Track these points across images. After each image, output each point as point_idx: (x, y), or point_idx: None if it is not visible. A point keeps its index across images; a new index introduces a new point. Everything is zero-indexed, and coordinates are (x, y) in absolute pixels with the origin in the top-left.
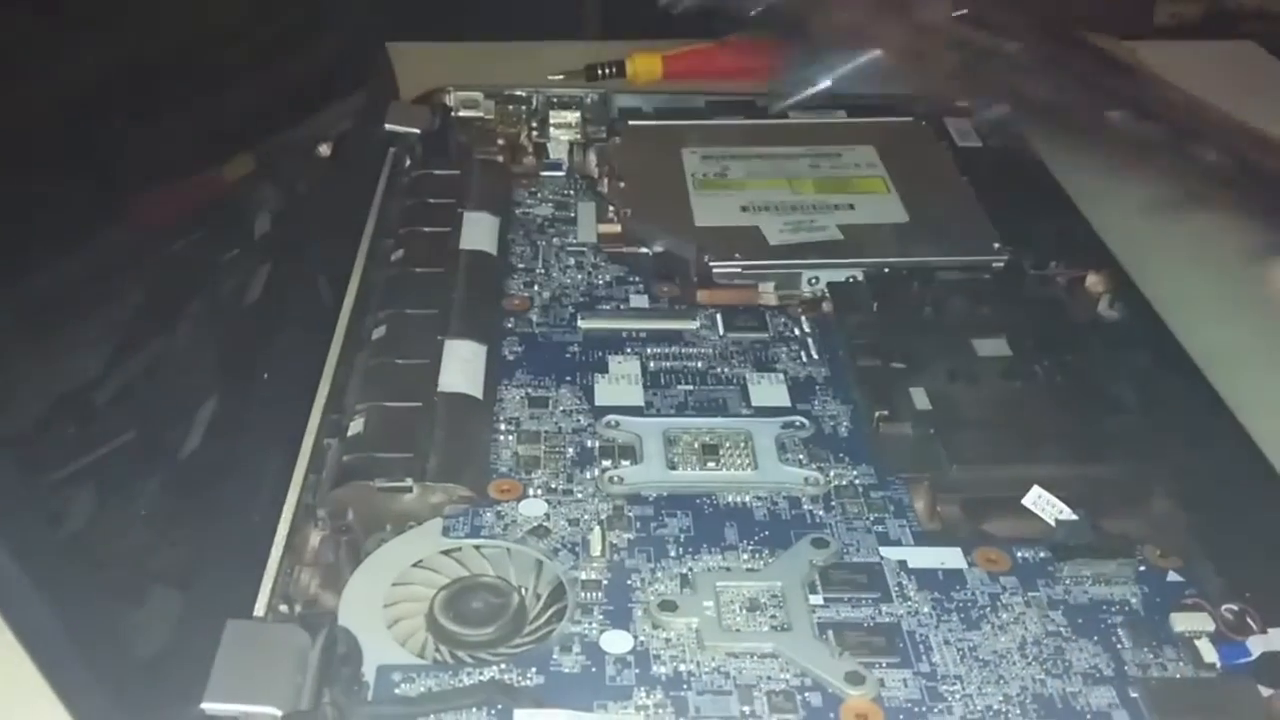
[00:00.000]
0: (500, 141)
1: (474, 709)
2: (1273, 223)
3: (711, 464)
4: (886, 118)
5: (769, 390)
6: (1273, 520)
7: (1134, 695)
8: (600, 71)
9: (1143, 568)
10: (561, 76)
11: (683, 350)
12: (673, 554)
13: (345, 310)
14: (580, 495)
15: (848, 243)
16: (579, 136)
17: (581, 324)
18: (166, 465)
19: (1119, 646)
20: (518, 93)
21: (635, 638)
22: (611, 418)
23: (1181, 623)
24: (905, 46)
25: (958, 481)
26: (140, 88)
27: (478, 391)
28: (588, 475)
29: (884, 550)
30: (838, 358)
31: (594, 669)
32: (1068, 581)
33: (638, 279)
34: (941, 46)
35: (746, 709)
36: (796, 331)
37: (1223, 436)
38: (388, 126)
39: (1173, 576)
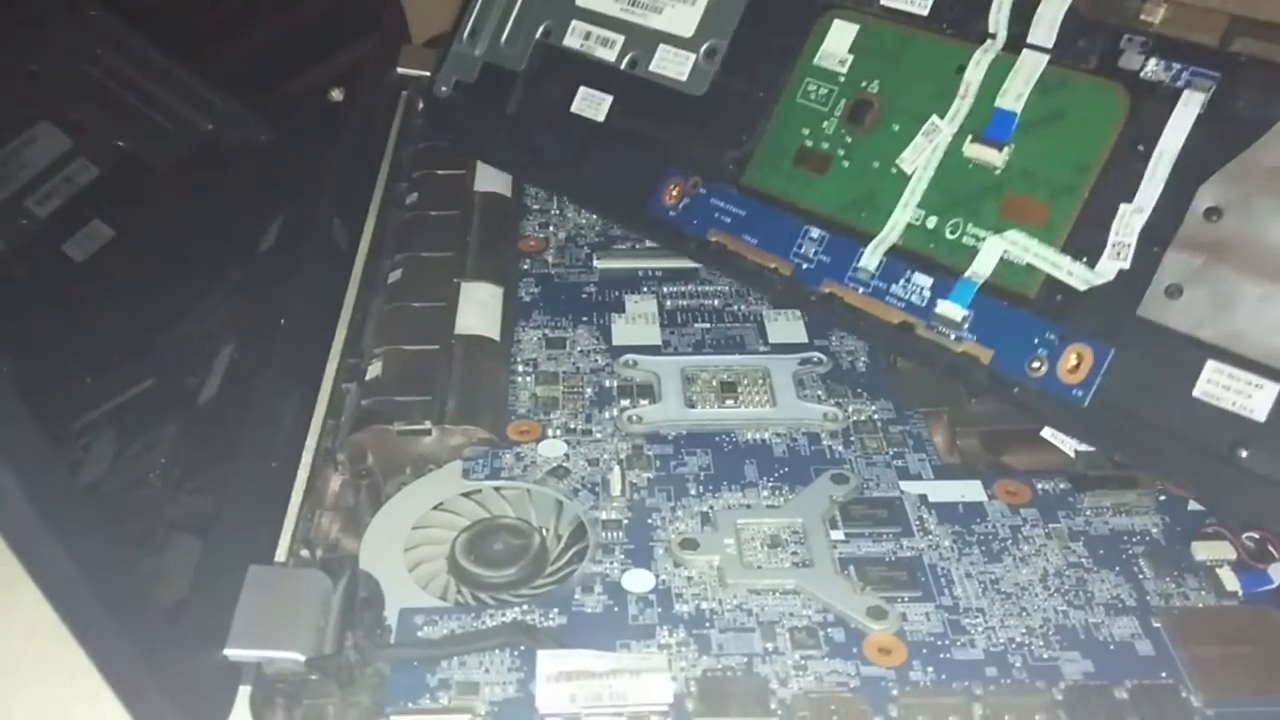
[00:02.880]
0: None
1: (497, 650)
2: None
3: (730, 401)
4: None
5: (786, 327)
6: None
7: (1156, 625)
8: None
9: (1163, 497)
10: None
11: (699, 288)
12: (693, 492)
13: (361, 254)
14: (599, 435)
15: None
16: None
17: (597, 264)
18: (185, 413)
19: (1140, 576)
20: None
21: (657, 577)
22: (629, 357)
23: (1203, 552)
24: None
25: (976, 414)
26: (155, 36)
27: (495, 333)
28: (606, 415)
29: (904, 485)
30: None
31: (616, 608)
32: (1088, 512)
33: None
34: None
35: (769, 645)
36: None
37: None
38: (400, 70)
39: (1193, 506)
